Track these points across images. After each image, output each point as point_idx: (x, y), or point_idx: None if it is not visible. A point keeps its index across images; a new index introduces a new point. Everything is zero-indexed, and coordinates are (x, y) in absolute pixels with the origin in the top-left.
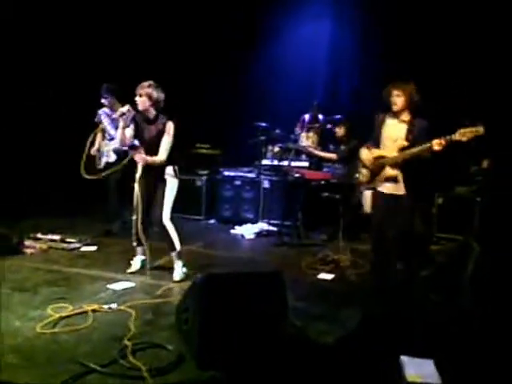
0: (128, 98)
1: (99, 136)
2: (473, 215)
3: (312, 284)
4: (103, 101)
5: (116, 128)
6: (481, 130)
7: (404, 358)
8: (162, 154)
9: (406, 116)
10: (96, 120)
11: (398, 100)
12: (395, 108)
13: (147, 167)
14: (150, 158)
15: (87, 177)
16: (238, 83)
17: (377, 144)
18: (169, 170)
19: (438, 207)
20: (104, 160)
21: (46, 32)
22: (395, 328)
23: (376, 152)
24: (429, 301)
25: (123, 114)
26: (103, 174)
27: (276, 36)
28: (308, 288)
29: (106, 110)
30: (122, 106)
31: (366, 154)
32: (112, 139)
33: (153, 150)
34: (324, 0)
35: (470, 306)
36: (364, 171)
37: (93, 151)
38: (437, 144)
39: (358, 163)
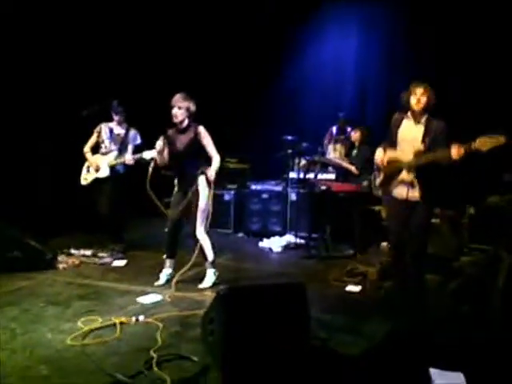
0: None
1: (88, 149)
2: (506, 225)
3: (339, 296)
4: (116, 117)
5: (114, 143)
6: (502, 139)
7: (433, 371)
8: (215, 154)
9: (423, 117)
10: (95, 130)
11: (423, 98)
12: (419, 106)
13: (181, 181)
14: (213, 171)
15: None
16: (266, 97)
17: (392, 145)
18: (201, 180)
19: (470, 217)
20: (93, 175)
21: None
22: (424, 340)
23: (391, 155)
24: (458, 312)
25: (160, 145)
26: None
27: (303, 51)
28: (334, 300)
29: (110, 124)
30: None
31: (380, 155)
32: (107, 153)
33: (183, 158)
34: (350, 18)
35: (500, 318)
36: (379, 174)
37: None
38: (455, 154)
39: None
